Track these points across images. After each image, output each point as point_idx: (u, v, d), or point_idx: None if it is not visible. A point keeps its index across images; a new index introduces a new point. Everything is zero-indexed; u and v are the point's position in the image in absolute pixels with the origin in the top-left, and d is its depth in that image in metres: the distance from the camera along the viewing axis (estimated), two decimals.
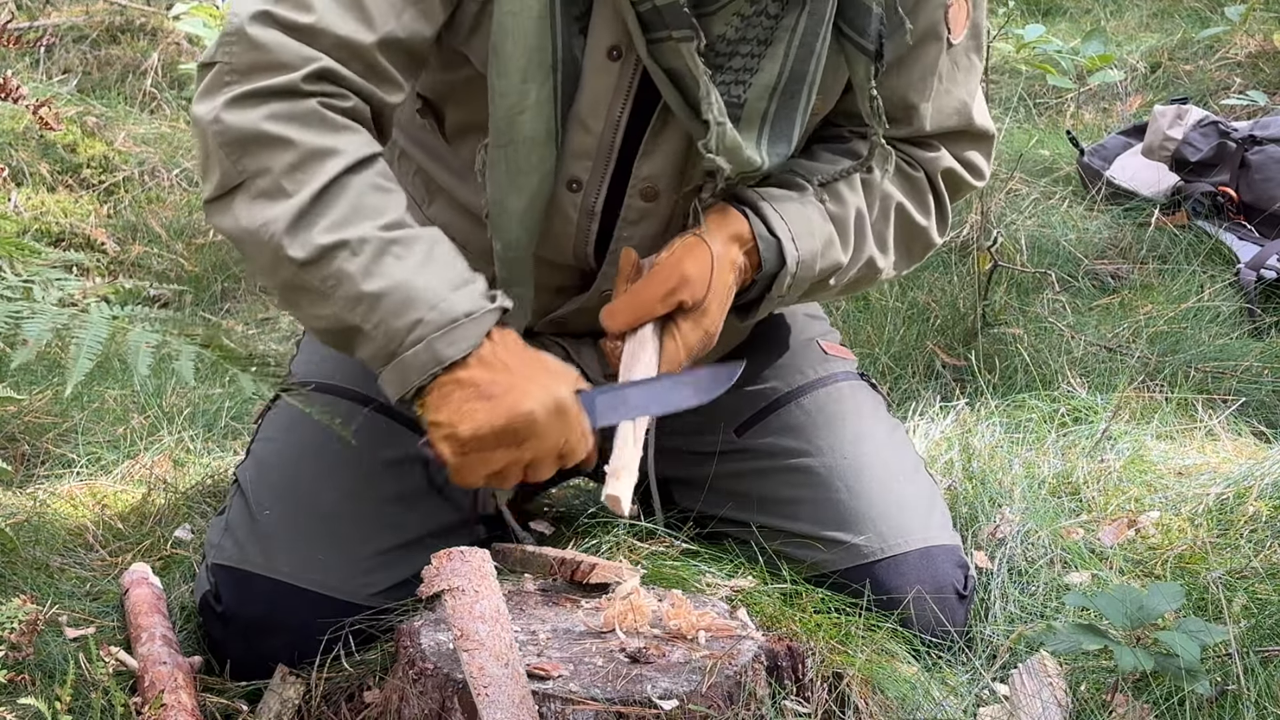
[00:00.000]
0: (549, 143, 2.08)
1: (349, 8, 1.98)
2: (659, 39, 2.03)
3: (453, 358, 1.92)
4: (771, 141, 2.13)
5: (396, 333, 1.92)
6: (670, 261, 2.11)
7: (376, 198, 1.96)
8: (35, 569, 2.38)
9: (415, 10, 2.02)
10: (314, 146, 1.94)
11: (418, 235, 1.96)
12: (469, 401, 1.93)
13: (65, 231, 4.28)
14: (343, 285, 1.92)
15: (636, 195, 2.16)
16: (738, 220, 2.13)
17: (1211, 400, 3.15)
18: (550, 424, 1.94)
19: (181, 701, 1.98)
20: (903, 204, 2.28)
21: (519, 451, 1.95)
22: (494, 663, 1.77)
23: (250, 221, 1.94)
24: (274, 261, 1.94)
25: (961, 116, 2.29)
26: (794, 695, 1.97)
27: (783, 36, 2.08)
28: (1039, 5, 6.49)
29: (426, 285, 1.93)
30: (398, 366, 1.93)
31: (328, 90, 1.97)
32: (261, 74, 1.94)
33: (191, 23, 5.33)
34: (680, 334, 2.10)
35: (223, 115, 1.94)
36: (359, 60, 1.99)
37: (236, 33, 1.96)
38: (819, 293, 2.25)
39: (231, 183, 1.95)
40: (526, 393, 1.93)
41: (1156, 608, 2.05)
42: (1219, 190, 4.05)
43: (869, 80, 2.12)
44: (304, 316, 1.99)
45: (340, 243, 1.92)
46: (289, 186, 1.93)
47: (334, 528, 2.19)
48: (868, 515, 2.27)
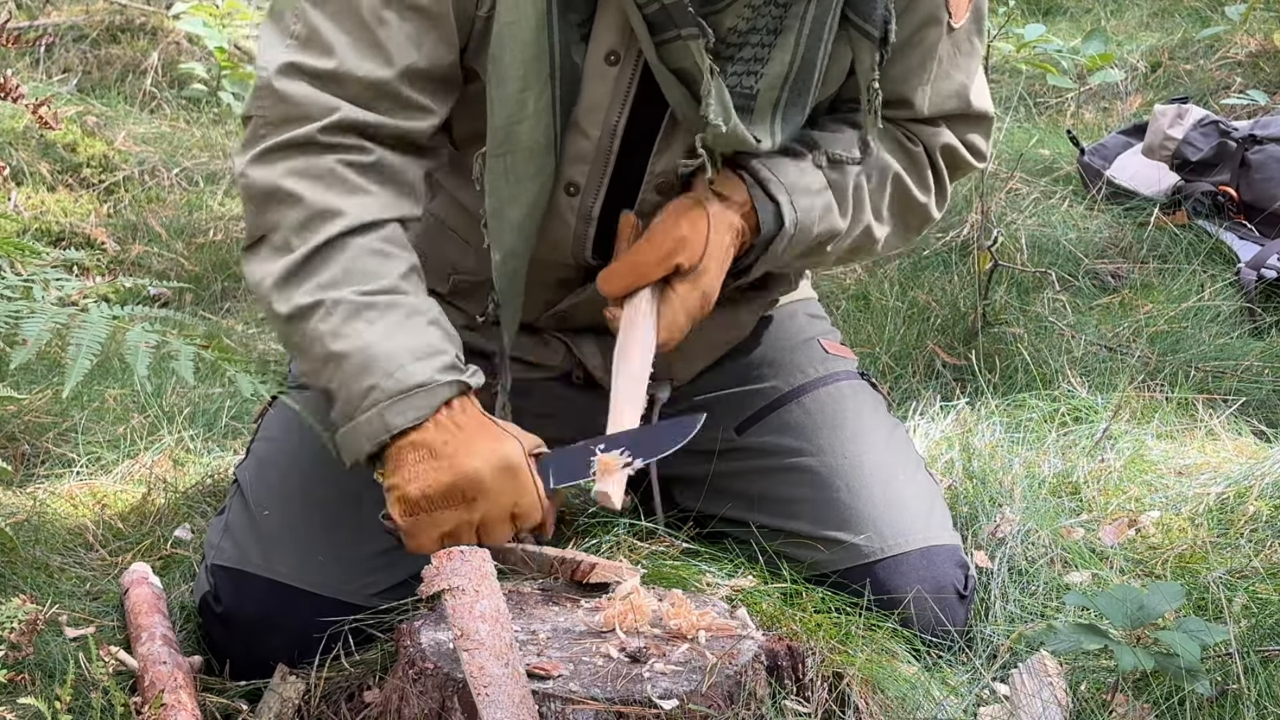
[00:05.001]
0: (548, 151, 2.08)
1: (367, 48, 2.02)
2: (668, 39, 2.03)
3: (400, 427, 1.95)
4: (783, 129, 2.14)
5: (353, 396, 1.96)
6: (666, 224, 2.11)
7: (372, 262, 1.99)
8: (35, 569, 2.38)
9: (434, 37, 2.04)
10: (321, 207, 1.99)
11: (396, 303, 1.98)
12: (420, 463, 1.96)
13: (65, 231, 4.27)
14: (315, 345, 1.97)
15: (651, 190, 2.17)
16: (736, 185, 2.14)
17: (1212, 400, 3.15)
18: (498, 483, 1.96)
19: (181, 701, 1.98)
20: (900, 175, 2.28)
21: (468, 512, 1.97)
22: (494, 662, 1.77)
23: (255, 275, 2.02)
24: (268, 315, 2.03)
25: (960, 100, 2.30)
26: (794, 695, 1.97)
27: (793, 25, 2.08)
28: (1039, 5, 6.48)
29: (386, 352, 1.95)
30: (352, 430, 1.97)
31: (349, 143, 2.01)
32: (290, 126, 2.01)
33: (191, 22, 5.34)
34: (678, 296, 2.11)
35: (249, 170, 2.02)
36: (385, 97, 2.03)
37: (266, 87, 2.03)
38: (816, 257, 2.25)
39: (257, 234, 2.03)
40: (474, 451, 1.95)
41: (1157, 607, 2.05)
42: (1219, 190, 4.04)
43: (873, 69, 2.13)
44: (299, 371, 2.09)
45: (317, 303, 1.97)
46: (294, 243, 1.99)
47: (334, 528, 2.19)
48: (868, 515, 2.27)
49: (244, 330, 3.95)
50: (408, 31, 2.02)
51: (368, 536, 2.20)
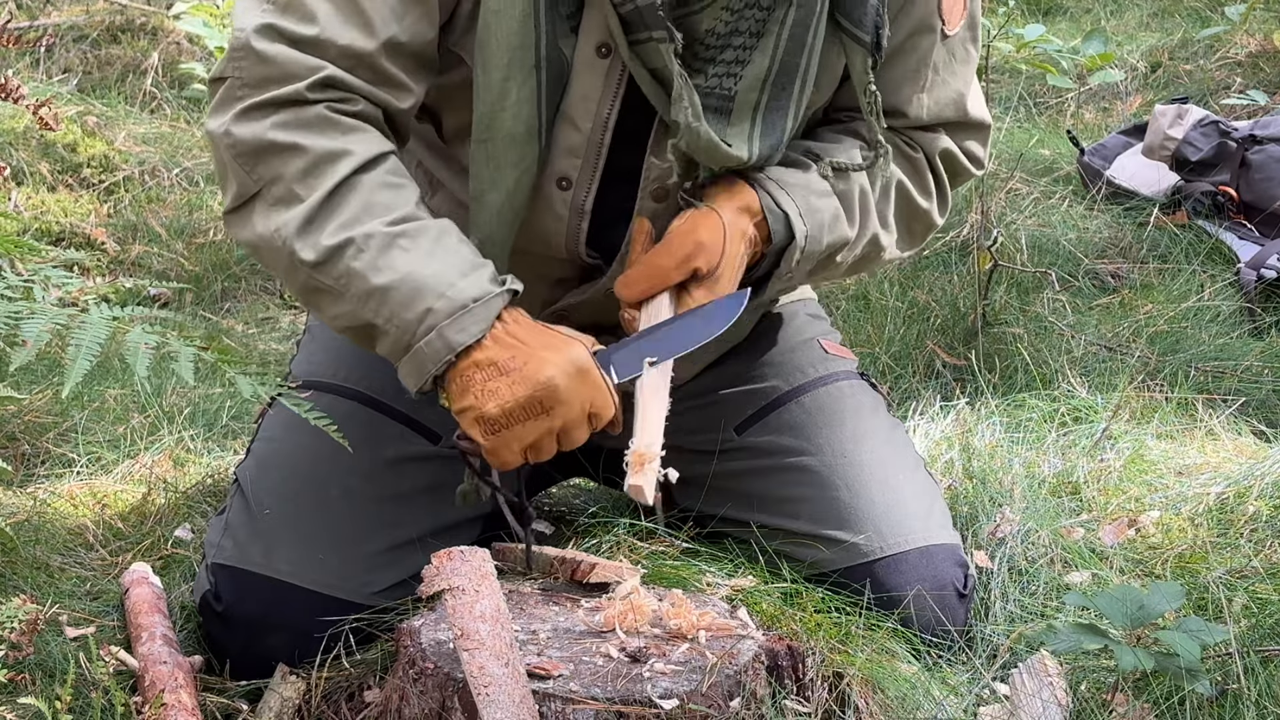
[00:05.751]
0: (529, 140, 2.08)
1: (350, 16, 2.00)
2: (640, 40, 2.04)
3: (464, 343, 1.94)
4: (764, 133, 2.13)
5: (408, 324, 1.95)
6: (684, 229, 2.11)
7: (386, 194, 1.98)
8: (35, 569, 2.38)
9: (418, 12, 2.03)
10: (324, 150, 1.97)
11: (424, 227, 1.99)
12: (490, 381, 1.95)
13: (65, 231, 4.27)
14: (354, 283, 1.96)
15: (648, 197, 2.17)
16: (747, 192, 2.14)
17: (1211, 400, 3.15)
18: (573, 387, 1.96)
19: (182, 701, 1.98)
20: (903, 182, 2.28)
21: (549, 420, 1.97)
22: (494, 662, 1.77)
23: (265, 229, 1.99)
24: (289, 266, 1.99)
25: (957, 108, 2.30)
26: (794, 695, 1.97)
27: (773, 29, 2.09)
28: (1039, 5, 6.48)
29: (433, 274, 1.95)
30: (413, 358, 1.96)
31: (334, 96, 2.00)
32: (271, 86, 1.98)
33: (191, 22, 5.34)
34: (694, 302, 2.11)
35: (233, 128, 1.98)
36: (365, 67, 2.02)
37: (244, 47, 2.00)
38: (826, 270, 2.26)
39: (248, 193, 2.00)
40: (545, 360, 1.95)
41: (1157, 607, 2.05)
42: (1219, 190, 4.05)
43: (867, 73, 2.13)
44: (326, 317, 2.03)
45: (347, 241, 1.95)
46: (301, 191, 1.97)
47: (334, 527, 2.19)
48: (868, 514, 2.27)
49: (244, 330, 3.95)
50: (391, 4, 2.02)
51: (368, 535, 2.20)
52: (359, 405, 2.26)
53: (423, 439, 2.25)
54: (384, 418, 2.26)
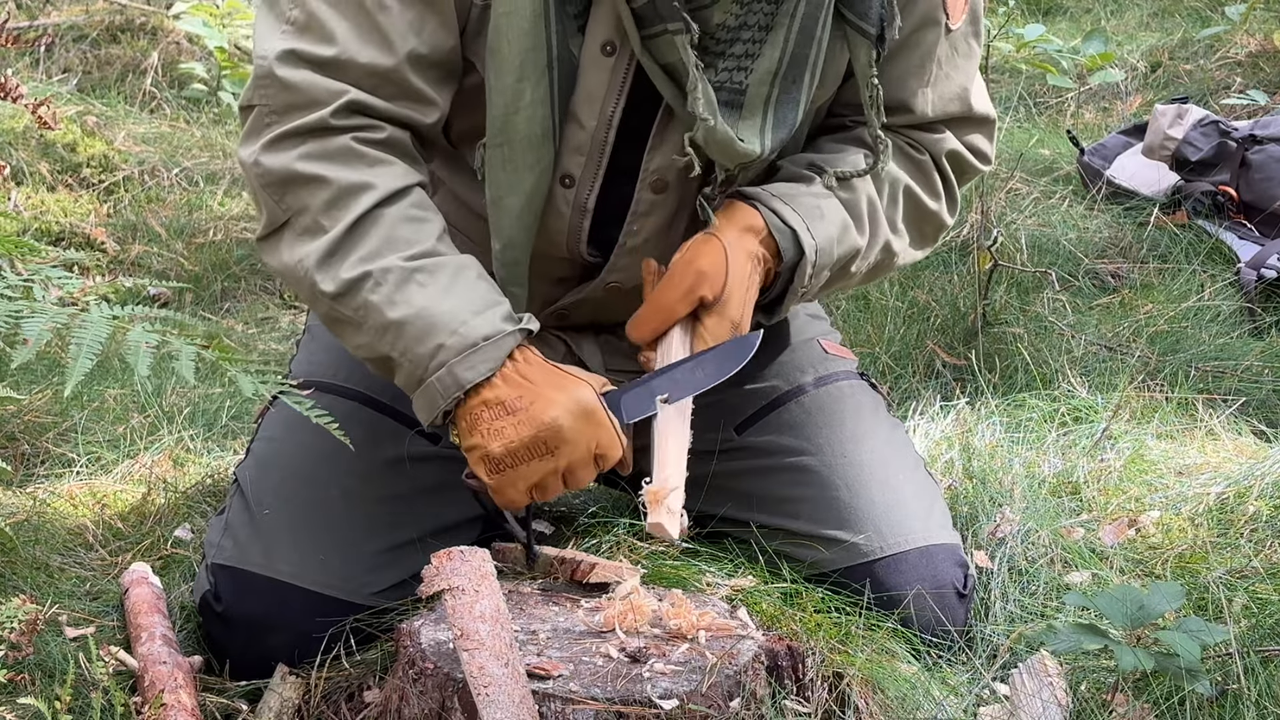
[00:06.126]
0: (545, 142, 2.09)
1: (369, 33, 2.02)
2: (654, 33, 2.03)
3: (472, 381, 1.96)
4: (775, 126, 2.14)
5: (420, 359, 1.97)
6: (683, 261, 2.12)
7: (408, 229, 2.01)
8: (35, 569, 2.38)
9: (435, 22, 2.04)
10: (348, 183, 1.99)
11: (443, 263, 2.00)
12: (496, 420, 1.96)
13: (65, 231, 4.27)
14: (371, 315, 1.98)
15: (647, 188, 2.17)
16: (748, 213, 2.14)
17: (1211, 400, 3.15)
18: (578, 427, 1.97)
19: (181, 701, 1.98)
20: (910, 186, 2.28)
21: (554, 460, 1.98)
22: (494, 662, 1.77)
23: (291, 258, 2.02)
24: (312, 296, 2.02)
25: (962, 102, 2.30)
26: (794, 695, 1.97)
27: (783, 22, 2.09)
28: (1039, 5, 6.49)
29: (447, 311, 1.97)
30: (425, 392, 1.98)
31: (360, 123, 2.02)
32: (296, 113, 2.00)
33: (191, 22, 5.34)
34: (708, 329, 2.11)
35: (261, 158, 2.01)
36: (388, 85, 2.03)
37: (268, 75, 2.02)
38: (844, 280, 2.26)
39: (278, 221, 2.03)
40: (551, 401, 1.96)
41: (1157, 607, 2.05)
42: (1219, 190, 4.04)
43: (871, 66, 2.13)
44: (350, 347, 2.06)
45: (365, 274, 1.98)
46: (325, 223, 1.99)
47: (334, 527, 2.19)
48: (868, 514, 2.27)
49: (244, 330, 3.95)
50: (409, 18, 2.03)
51: (368, 535, 2.20)
52: (359, 405, 2.26)
53: (423, 439, 2.25)
54: (384, 418, 2.26)
